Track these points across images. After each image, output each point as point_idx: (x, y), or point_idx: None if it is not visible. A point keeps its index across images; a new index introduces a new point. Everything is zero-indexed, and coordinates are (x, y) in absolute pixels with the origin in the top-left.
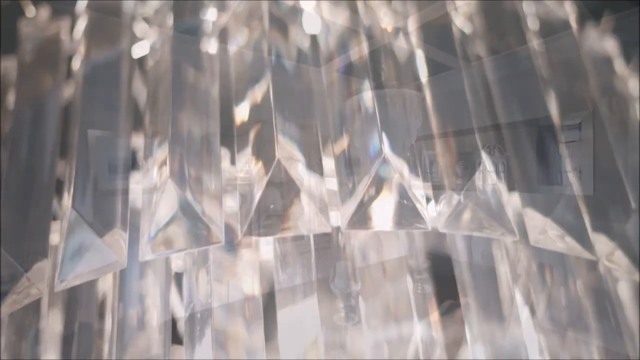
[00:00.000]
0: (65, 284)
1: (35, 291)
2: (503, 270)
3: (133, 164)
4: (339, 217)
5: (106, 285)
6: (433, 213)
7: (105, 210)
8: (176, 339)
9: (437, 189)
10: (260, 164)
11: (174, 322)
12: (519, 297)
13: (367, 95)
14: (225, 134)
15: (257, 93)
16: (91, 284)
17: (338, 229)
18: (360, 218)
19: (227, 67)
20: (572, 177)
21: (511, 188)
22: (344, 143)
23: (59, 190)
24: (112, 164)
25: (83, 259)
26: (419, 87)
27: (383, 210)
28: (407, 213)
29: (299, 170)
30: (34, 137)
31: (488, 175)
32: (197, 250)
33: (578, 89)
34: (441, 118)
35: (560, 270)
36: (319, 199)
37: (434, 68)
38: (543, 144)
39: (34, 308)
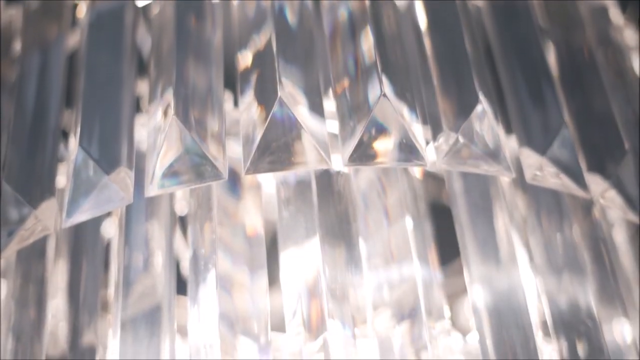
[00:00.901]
0: (72, 219)
1: (43, 228)
2: (500, 212)
3: (138, 108)
4: (339, 160)
5: (112, 231)
6: (432, 155)
7: (111, 150)
8: (181, 288)
9: (436, 130)
10: (262, 104)
11: (178, 270)
12: (516, 239)
13: (368, 40)
14: (228, 80)
15: (260, 39)
16: (96, 231)
17: (339, 173)
18: (360, 155)
19: (230, 16)
20: (568, 121)
21: (508, 131)
22: (344, 85)
23: (65, 135)
24: (117, 107)
25: (90, 195)
26: (418, 34)
27: (382, 149)
28: (406, 151)
29: (301, 111)
30: (40, 83)
31: (486, 117)
32: (201, 185)
33: (576, 38)
34: (439, 63)
35: (556, 214)
36: (320, 138)
37: (433, 15)
38: (540, 90)
39: (40, 250)
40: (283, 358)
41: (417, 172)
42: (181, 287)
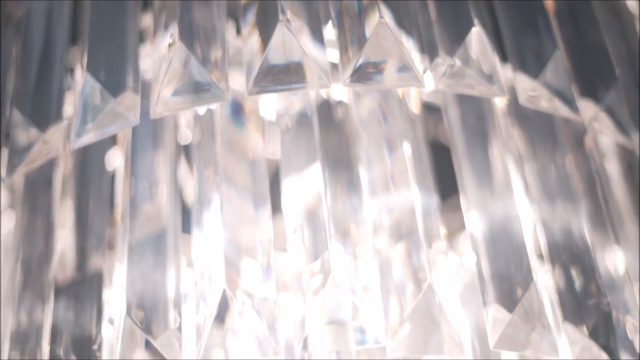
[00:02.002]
0: (81, 140)
1: (52, 151)
2: (496, 141)
3: (142, 40)
4: (340, 88)
5: (116, 161)
6: (429, 83)
7: (117, 75)
8: (186, 216)
9: (433, 56)
10: (264, 31)
11: (182, 198)
12: (511, 168)
13: None
14: (230, 10)
15: None
16: (101, 161)
17: (339, 102)
18: (360, 77)
19: None
20: (562, 48)
21: (503, 60)
22: (344, 14)
23: (72, 71)
24: (123, 37)
25: (98, 118)
26: None
27: (381, 71)
28: (404, 73)
29: (302, 37)
30: (48, 17)
31: (480, 42)
32: (206, 105)
33: None
34: None
35: (550, 145)
36: (321, 62)
37: None
38: (535, 19)
39: (47, 181)
40: (285, 279)
41: (414, 105)
42: (186, 214)
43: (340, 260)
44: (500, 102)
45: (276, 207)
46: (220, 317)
